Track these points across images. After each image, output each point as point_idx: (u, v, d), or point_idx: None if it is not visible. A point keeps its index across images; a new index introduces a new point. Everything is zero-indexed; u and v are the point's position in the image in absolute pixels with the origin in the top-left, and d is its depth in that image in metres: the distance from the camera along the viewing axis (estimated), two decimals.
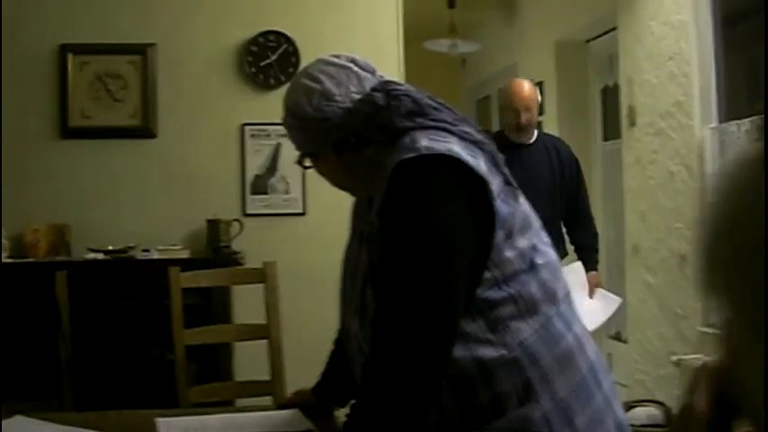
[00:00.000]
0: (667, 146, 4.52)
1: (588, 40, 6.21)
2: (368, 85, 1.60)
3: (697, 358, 4.18)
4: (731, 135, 3.94)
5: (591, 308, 4.28)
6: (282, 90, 4.48)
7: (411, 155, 1.47)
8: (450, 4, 6.97)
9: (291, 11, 4.60)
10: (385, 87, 1.59)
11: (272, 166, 4.53)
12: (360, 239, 1.65)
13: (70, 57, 4.41)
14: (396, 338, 1.39)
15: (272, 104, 4.50)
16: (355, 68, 1.61)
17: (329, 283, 4.51)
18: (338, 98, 1.57)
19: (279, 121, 4.62)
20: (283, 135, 4.34)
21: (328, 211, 4.53)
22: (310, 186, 4.52)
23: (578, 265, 4.40)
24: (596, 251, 4.48)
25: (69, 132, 4.41)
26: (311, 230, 4.57)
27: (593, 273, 4.42)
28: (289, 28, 4.56)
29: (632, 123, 4.96)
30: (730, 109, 4.21)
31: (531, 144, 4.28)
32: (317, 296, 4.53)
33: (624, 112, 5.07)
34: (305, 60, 4.52)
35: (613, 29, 5.28)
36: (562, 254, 4.25)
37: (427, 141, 1.49)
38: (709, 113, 4.24)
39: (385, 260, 1.46)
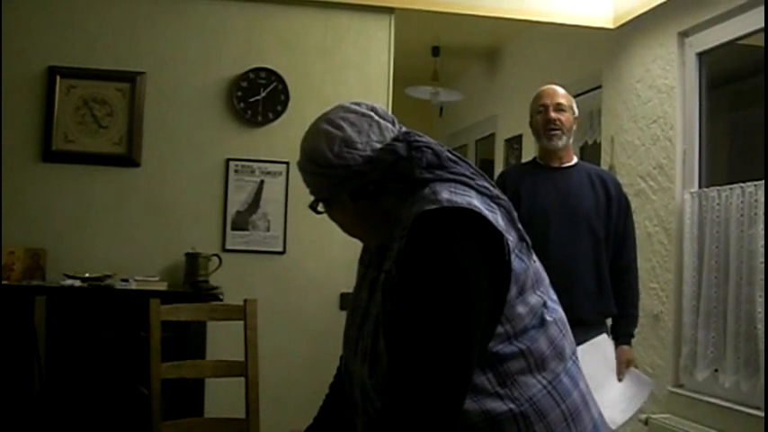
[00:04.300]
0: (646, 207, 4.57)
1: None
2: (388, 135, 1.60)
3: (666, 417, 4.21)
4: (711, 200, 3.99)
5: (621, 394, 3.38)
6: (269, 127, 4.54)
7: (433, 207, 1.47)
8: (434, 53, 7.05)
9: (284, 49, 4.62)
10: (407, 138, 1.59)
11: (254, 203, 4.51)
12: (370, 287, 1.65)
13: (58, 79, 4.38)
14: (410, 390, 1.39)
15: (259, 141, 4.52)
16: (376, 117, 1.62)
17: (304, 322, 4.56)
18: (359, 146, 1.57)
19: (264, 158, 4.66)
20: (268, 173, 4.47)
21: (308, 252, 4.55)
22: (291, 225, 4.52)
23: (603, 338, 3.40)
24: (635, 320, 3.48)
25: (52, 156, 4.36)
26: (289, 269, 4.55)
27: (625, 348, 3.43)
28: (280, 66, 4.58)
29: None
30: (711, 175, 4.28)
31: (569, 167, 3.55)
32: (292, 334, 4.53)
33: None
34: (294, 99, 4.54)
35: (596, 87, 5.36)
36: (609, 309, 3.46)
37: (448, 194, 1.50)
38: (690, 178, 4.31)
39: (401, 309, 1.45)
